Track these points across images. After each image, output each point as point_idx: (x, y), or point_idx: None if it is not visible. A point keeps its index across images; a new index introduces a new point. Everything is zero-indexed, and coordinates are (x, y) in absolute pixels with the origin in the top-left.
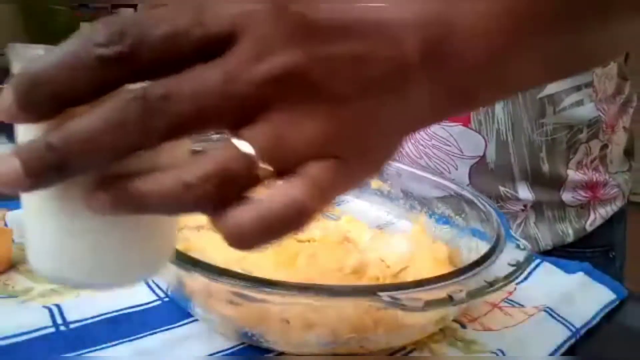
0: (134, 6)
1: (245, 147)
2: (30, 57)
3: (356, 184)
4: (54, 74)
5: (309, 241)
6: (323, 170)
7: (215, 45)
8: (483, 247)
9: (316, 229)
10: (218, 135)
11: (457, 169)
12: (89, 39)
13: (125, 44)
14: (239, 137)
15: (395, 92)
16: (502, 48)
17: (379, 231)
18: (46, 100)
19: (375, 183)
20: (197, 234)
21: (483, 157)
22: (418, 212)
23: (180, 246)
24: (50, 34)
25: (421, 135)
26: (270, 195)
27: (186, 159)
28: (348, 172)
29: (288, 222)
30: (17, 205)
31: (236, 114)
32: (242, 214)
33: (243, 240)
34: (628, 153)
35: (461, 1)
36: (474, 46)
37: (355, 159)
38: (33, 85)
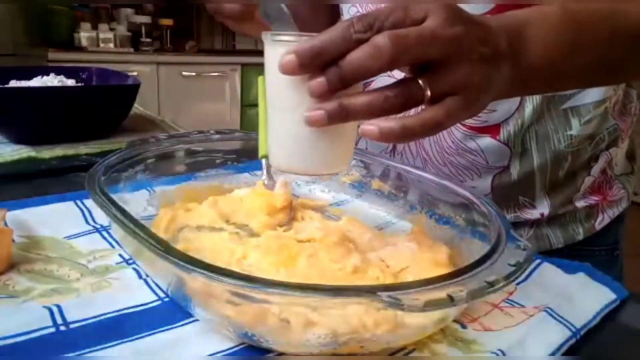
0: (134, 6)
1: (423, 82)
2: (287, 39)
3: (465, 117)
4: (326, 46)
5: (309, 241)
6: (455, 102)
7: (417, 24)
8: (483, 248)
9: (316, 229)
10: (218, 135)
11: (480, 177)
12: (349, 28)
13: (373, 32)
14: (420, 77)
15: (497, 68)
16: (560, 47)
17: (379, 231)
18: (317, 61)
19: (375, 183)
20: (197, 234)
21: (507, 167)
22: (418, 212)
23: (180, 246)
24: (50, 34)
25: (447, 144)
26: (423, 112)
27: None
28: (466, 108)
29: (428, 130)
30: (17, 205)
31: (432, 54)
32: (412, 120)
33: (409, 133)
34: (630, 156)
35: (532, 9)
36: (538, 40)
37: (472, 101)
38: (311, 52)
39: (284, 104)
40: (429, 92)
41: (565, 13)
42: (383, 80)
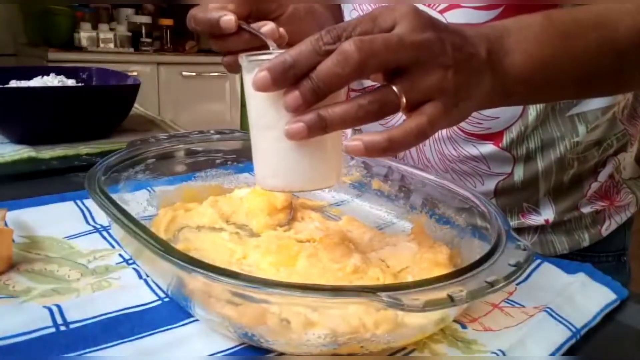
0: (134, 6)
1: (397, 88)
2: (262, 59)
3: (446, 125)
4: (297, 60)
5: (309, 241)
6: (433, 109)
7: (386, 32)
8: (483, 248)
9: (316, 229)
10: (218, 135)
11: (483, 184)
12: (318, 40)
13: (341, 42)
14: (392, 83)
15: (475, 75)
16: (542, 57)
17: (379, 231)
18: (289, 76)
19: (375, 183)
20: (197, 234)
21: (511, 174)
22: (418, 213)
23: (180, 246)
24: (50, 34)
25: (449, 151)
26: (405, 122)
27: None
28: (446, 114)
29: (413, 139)
30: (17, 205)
31: (401, 59)
32: (395, 131)
33: (394, 145)
34: (639, 160)
35: (513, 18)
36: (520, 50)
37: (451, 107)
38: (282, 67)
39: (264, 122)
40: (404, 99)
41: (549, 23)
42: None
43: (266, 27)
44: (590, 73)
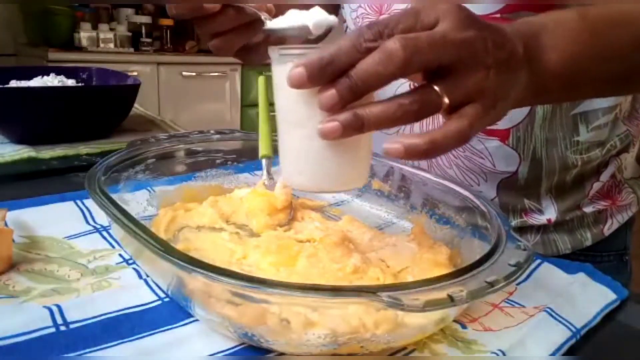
0: (134, 6)
1: (439, 88)
2: (295, 52)
3: (484, 127)
4: (336, 57)
5: (309, 241)
6: (474, 110)
7: (429, 29)
8: (484, 248)
9: (316, 229)
10: (218, 135)
11: (486, 182)
12: (358, 37)
13: (383, 39)
14: (434, 83)
15: (513, 74)
16: (578, 54)
17: (379, 231)
18: (326, 73)
19: (376, 183)
20: (197, 234)
21: (515, 173)
22: (418, 213)
23: (180, 246)
24: (50, 34)
25: None
26: (446, 124)
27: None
28: (485, 116)
29: (454, 142)
30: (17, 205)
31: (445, 58)
32: (436, 134)
33: (436, 147)
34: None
35: (547, 14)
36: (556, 47)
37: (490, 108)
38: (320, 64)
39: (295, 119)
40: (446, 99)
41: (583, 19)
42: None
43: None
44: (628, 69)
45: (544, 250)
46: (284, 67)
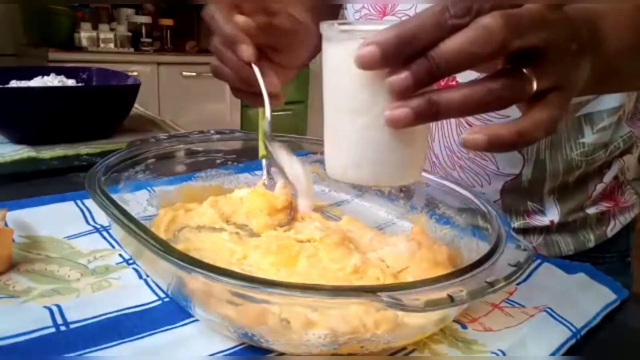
0: (135, 6)
1: (529, 72)
2: (361, 29)
3: (563, 111)
4: (417, 34)
5: (309, 241)
6: (560, 98)
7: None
8: (484, 248)
9: (316, 229)
10: (218, 135)
11: (490, 184)
12: (443, 12)
13: (472, 16)
14: (524, 67)
15: (583, 61)
16: (630, 45)
17: (379, 231)
18: (404, 52)
19: None
20: (197, 234)
21: (519, 175)
22: (418, 213)
23: (180, 246)
24: (50, 34)
25: (458, 147)
26: (533, 113)
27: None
28: (567, 104)
29: (543, 133)
30: (17, 205)
31: (541, 39)
32: (524, 124)
33: (524, 139)
34: None
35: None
36: (614, 36)
37: (570, 97)
38: (397, 41)
39: (353, 105)
40: (535, 85)
41: (638, 10)
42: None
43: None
44: None
45: (546, 251)
46: (346, 45)
